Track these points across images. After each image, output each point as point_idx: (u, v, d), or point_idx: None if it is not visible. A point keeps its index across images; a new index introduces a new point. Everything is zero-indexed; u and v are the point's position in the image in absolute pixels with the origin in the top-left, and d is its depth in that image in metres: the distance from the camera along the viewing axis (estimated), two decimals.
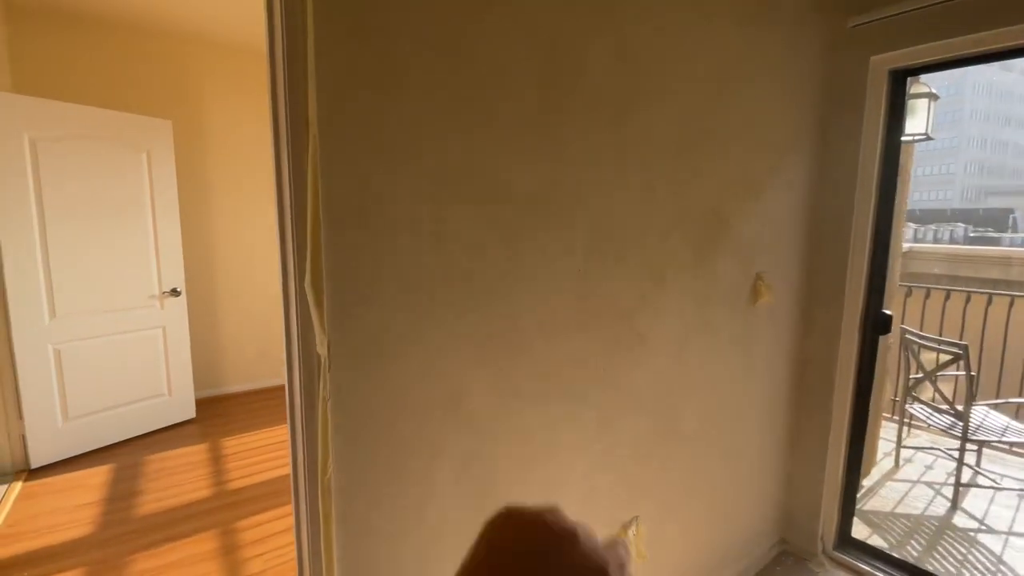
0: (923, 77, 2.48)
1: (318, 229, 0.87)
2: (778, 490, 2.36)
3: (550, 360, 1.34)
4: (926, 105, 2.34)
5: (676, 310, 1.66)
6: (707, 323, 1.78)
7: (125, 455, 3.36)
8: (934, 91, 2.32)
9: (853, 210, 2.13)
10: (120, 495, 2.90)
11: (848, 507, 2.39)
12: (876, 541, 2.55)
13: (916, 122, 2.34)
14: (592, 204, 1.37)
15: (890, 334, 2.41)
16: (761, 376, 2.09)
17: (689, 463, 1.84)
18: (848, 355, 2.22)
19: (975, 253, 5.25)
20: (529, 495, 1.34)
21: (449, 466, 1.18)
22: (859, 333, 2.21)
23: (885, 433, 3.65)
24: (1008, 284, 4.24)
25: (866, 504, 2.90)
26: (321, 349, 0.91)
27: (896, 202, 2.27)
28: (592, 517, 1.53)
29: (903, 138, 2.30)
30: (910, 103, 2.35)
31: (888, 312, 2.23)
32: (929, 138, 2.36)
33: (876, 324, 2.22)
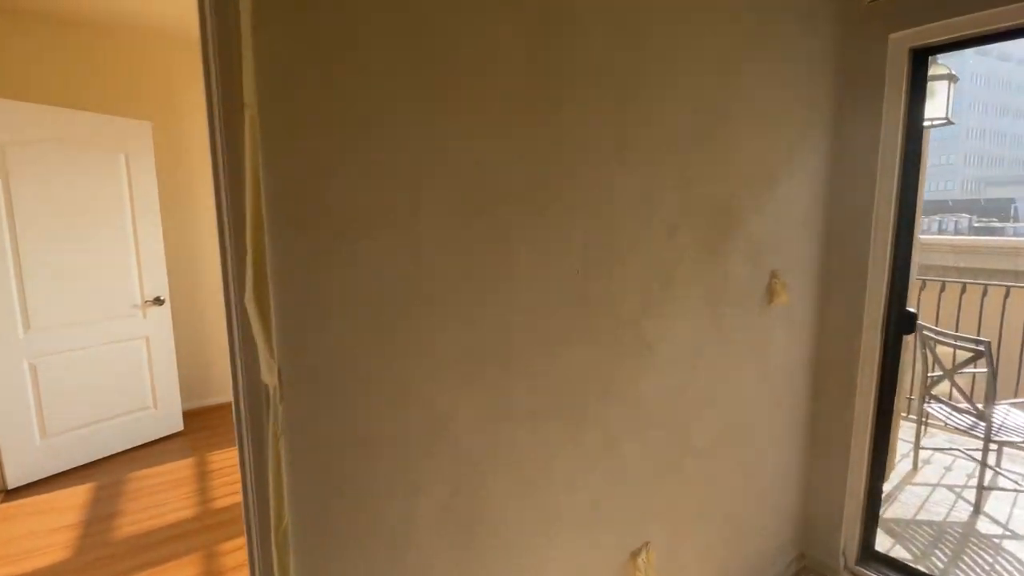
0: (940, 58, 2.32)
1: (260, 232, 0.72)
2: (796, 502, 2.21)
3: (547, 375, 1.19)
4: (946, 88, 2.18)
5: (686, 314, 1.51)
6: (720, 327, 1.63)
7: (107, 473, 3.21)
8: (954, 72, 2.16)
9: (874, 201, 1.98)
10: (100, 516, 2.75)
11: (871, 518, 2.24)
12: (899, 552, 2.40)
13: (935, 106, 2.18)
14: (591, 198, 1.22)
15: (915, 328, 2.25)
16: (778, 382, 1.94)
17: (703, 480, 1.69)
18: (870, 357, 2.06)
19: (986, 244, 5.10)
20: (523, 529, 1.19)
21: (431, 502, 1.02)
22: (881, 333, 2.05)
23: (902, 433, 3.50)
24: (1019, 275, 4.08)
25: (886, 511, 2.75)
26: (269, 377, 0.76)
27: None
28: (597, 547, 1.38)
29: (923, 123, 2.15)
30: (929, 85, 2.20)
31: (912, 310, 2.07)
32: (950, 122, 2.21)
33: (899, 323, 2.07)
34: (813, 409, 2.16)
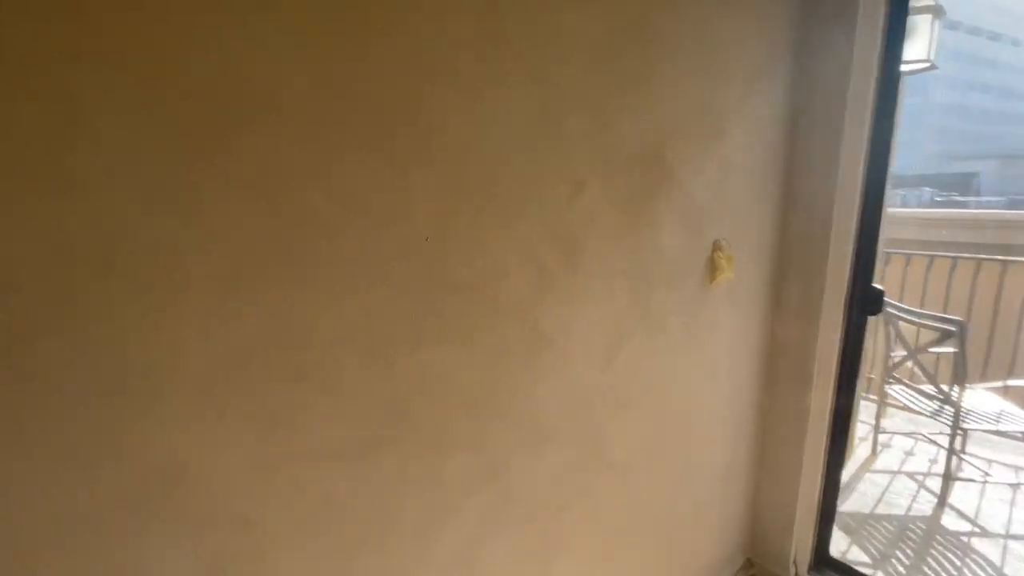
0: None
1: None
2: (744, 505, 1.94)
3: (380, 390, 0.84)
4: (928, 23, 1.85)
5: (600, 297, 1.17)
6: (647, 312, 1.29)
7: None
8: (940, 3, 1.83)
9: (839, 160, 1.65)
10: None
11: (826, 521, 1.99)
12: (856, 554, 2.18)
13: (916, 46, 1.86)
14: (450, 130, 0.85)
15: (882, 308, 1.97)
16: (721, 373, 1.63)
17: (627, 498, 1.38)
18: (830, 341, 1.77)
19: (955, 216, 4.92)
20: None
21: None
22: (844, 314, 1.76)
23: (861, 414, 3.29)
24: (997, 248, 3.87)
25: (843, 504, 2.53)
26: None
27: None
28: None
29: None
30: (908, 21, 1.86)
31: (879, 287, 1.78)
32: (933, 66, 1.88)
33: (865, 302, 1.78)
34: (764, 401, 1.87)
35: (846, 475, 2.85)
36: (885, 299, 3.00)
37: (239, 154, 0.65)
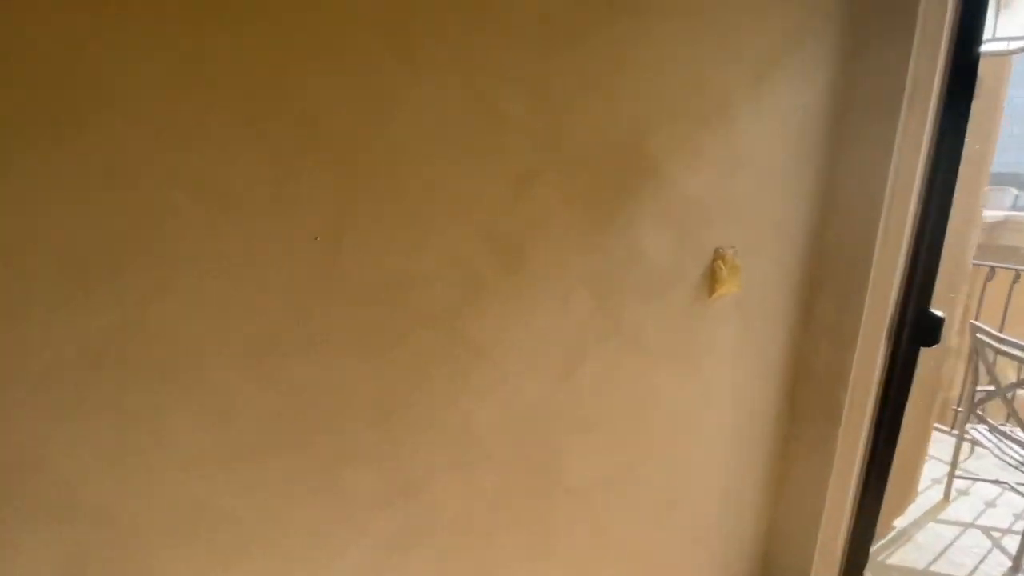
0: None
1: None
2: (753, 544, 1.73)
3: (258, 396, 0.78)
4: None
5: (552, 307, 1.05)
6: (617, 325, 1.15)
7: None
8: None
9: (893, 158, 1.39)
10: None
11: (852, 574, 1.73)
12: None
13: (1014, 19, 1.51)
14: (338, 119, 0.76)
15: (940, 339, 1.65)
16: (722, 398, 1.44)
17: (589, 526, 1.25)
18: (867, 370, 1.52)
19: None
20: None
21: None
22: (886, 341, 1.50)
23: (937, 450, 2.86)
24: None
25: (892, 555, 2.21)
26: None
27: (965, 149, 1.49)
28: None
29: (990, 46, 1.50)
30: None
31: (938, 314, 1.49)
32: None
33: (917, 330, 1.50)
34: (784, 431, 1.64)
35: (905, 521, 2.49)
36: (975, 323, 2.59)
37: (78, 147, 0.61)
